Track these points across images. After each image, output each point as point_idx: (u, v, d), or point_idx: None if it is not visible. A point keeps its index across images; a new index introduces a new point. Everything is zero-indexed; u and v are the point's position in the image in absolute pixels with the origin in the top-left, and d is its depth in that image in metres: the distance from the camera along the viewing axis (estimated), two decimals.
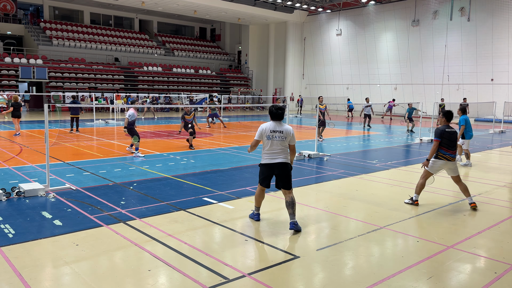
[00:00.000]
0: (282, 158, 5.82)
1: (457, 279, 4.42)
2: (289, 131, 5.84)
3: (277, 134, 5.80)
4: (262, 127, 5.92)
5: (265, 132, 5.86)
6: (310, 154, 11.97)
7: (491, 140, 17.82)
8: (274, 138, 5.80)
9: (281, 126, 5.85)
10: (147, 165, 10.47)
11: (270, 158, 5.83)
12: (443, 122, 7.17)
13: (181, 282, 4.21)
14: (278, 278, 4.34)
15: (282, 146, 5.82)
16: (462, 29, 32.29)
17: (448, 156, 6.98)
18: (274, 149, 5.81)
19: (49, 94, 29.78)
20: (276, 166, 5.82)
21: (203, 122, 24.92)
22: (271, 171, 5.88)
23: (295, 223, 5.73)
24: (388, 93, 36.34)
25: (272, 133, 5.81)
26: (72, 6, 39.93)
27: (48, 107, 7.62)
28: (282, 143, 5.81)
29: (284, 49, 43.79)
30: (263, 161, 5.95)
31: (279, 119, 5.90)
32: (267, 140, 5.84)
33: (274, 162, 5.82)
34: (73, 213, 6.34)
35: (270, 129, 5.83)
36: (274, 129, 5.81)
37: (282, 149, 5.83)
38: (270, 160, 5.84)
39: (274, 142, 5.80)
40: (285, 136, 5.80)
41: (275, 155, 5.81)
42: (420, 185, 7.19)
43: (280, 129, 5.82)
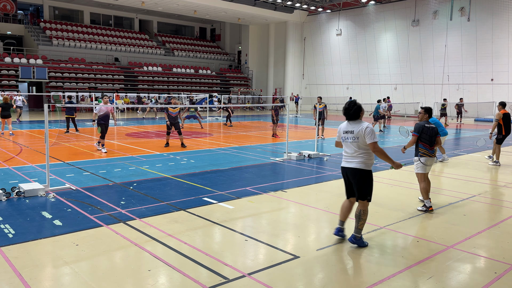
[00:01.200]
0: (355, 163, 5.15)
1: (457, 279, 4.42)
2: (361, 130, 5.10)
3: (349, 135, 5.20)
4: (339, 128, 5.41)
5: (339, 133, 5.37)
6: (310, 154, 11.97)
7: (491, 140, 17.79)
8: (347, 140, 5.23)
9: (353, 125, 5.18)
10: (147, 165, 10.47)
11: (344, 161, 5.32)
12: (425, 118, 7.18)
13: (181, 282, 4.21)
14: (278, 278, 4.34)
15: (357, 149, 5.14)
16: (462, 29, 32.30)
17: (429, 152, 6.94)
18: (348, 152, 5.26)
19: (49, 94, 29.78)
20: (348, 171, 5.27)
21: (202, 122, 24.92)
22: (346, 177, 5.36)
23: (354, 237, 5.22)
24: (388, 93, 36.31)
25: (344, 135, 5.26)
26: (72, 6, 39.93)
27: (48, 107, 7.62)
28: (356, 144, 5.14)
29: (284, 49, 43.79)
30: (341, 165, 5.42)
31: (351, 118, 5.22)
32: (342, 142, 5.34)
33: (346, 167, 5.28)
34: (73, 213, 6.34)
35: (343, 129, 5.30)
36: (346, 129, 5.24)
37: (356, 152, 5.15)
38: (343, 164, 5.34)
39: (347, 144, 5.25)
40: (356, 136, 5.12)
41: (348, 159, 5.26)
42: (424, 189, 6.93)
43: (351, 128, 5.17)
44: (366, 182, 5.17)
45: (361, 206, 5.26)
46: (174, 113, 13.32)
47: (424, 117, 7.14)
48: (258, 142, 15.60)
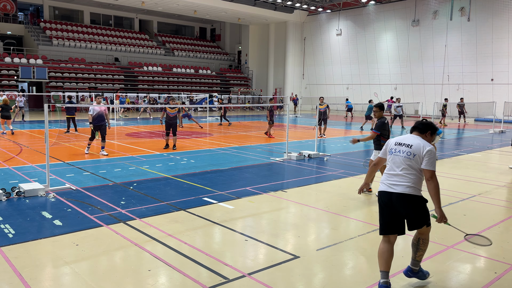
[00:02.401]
0: (405, 187, 3.94)
1: (457, 279, 4.42)
2: (421, 148, 3.93)
3: (402, 147, 4.03)
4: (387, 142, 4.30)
5: (389, 145, 4.22)
6: (310, 154, 11.97)
7: (491, 140, 17.81)
8: (397, 153, 4.05)
9: (413, 139, 4.05)
10: (147, 165, 10.47)
11: (386, 184, 4.10)
12: (381, 115, 7.57)
13: (181, 282, 4.21)
14: (278, 278, 4.34)
15: (408, 167, 3.96)
16: (462, 29, 32.29)
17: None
18: (394, 170, 4.06)
19: (49, 94, 29.79)
20: (394, 198, 4.00)
21: (203, 122, 24.93)
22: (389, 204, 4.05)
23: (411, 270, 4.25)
24: (388, 93, 36.30)
25: (396, 147, 4.11)
26: (72, 6, 39.93)
27: (48, 107, 7.62)
28: (407, 162, 3.97)
29: (284, 49, 43.79)
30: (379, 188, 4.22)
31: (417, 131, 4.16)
32: (389, 155, 4.16)
33: (390, 191, 4.03)
34: (73, 213, 6.34)
35: (396, 141, 4.15)
36: (401, 141, 4.09)
37: (405, 170, 3.97)
38: (386, 187, 4.07)
39: (395, 159, 4.07)
40: (413, 152, 3.95)
41: (392, 179, 4.05)
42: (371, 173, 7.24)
43: (409, 142, 4.02)
44: (423, 209, 4.00)
45: (420, 234, 4.14)
46: (172, 113, 13.12)
47: (380, 114, 7.59)
48: (258, 142, 15.60)
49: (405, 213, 4.00)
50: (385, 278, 3.98)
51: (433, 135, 4.16)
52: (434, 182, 3.93)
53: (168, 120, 13.20)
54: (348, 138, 18.26)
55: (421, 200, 4.01)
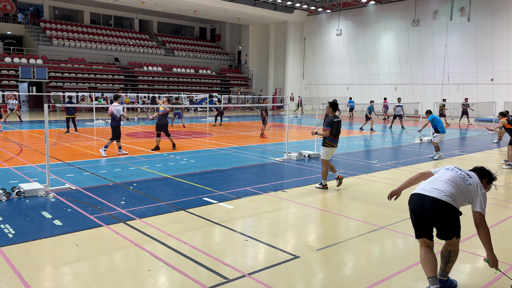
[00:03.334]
0: (441, 194, 3.75)
1: (457, 279, 4.42)
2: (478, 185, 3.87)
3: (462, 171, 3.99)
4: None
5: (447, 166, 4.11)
6: (310, 154, 11.97)
7: (491, 140, 17.81)
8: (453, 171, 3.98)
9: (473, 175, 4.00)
10: (147, 165, 10.47)
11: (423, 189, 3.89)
12: (331, 112, 8.12)
13: (181, 282, 4.21)
14: (278, 278, 4.34)
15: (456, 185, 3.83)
16: (462, 29, 32.29)
17: (333, 143, 8.12)
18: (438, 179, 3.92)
19: (49, 94, 29.79)
20: (426, 203, 3.78)
21: (202, 122, 24.94)
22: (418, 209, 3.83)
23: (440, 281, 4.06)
24: (388, 93, 36.32)
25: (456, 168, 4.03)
26: (72, 6, 39.93)
27: (48, 107, 7.62)
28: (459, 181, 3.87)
29: (284, 49, 43.79)
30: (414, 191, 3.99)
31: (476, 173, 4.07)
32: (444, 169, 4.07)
33: (423, 194, 3.83)
34: (73, 213, 6.34)
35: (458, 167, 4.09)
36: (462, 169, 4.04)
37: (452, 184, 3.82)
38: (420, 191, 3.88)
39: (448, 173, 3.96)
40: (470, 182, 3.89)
41: (431, 185, 3.89)
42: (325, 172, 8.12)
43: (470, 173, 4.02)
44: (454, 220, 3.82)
45: (450, 246, 4.04)
46: (161, 111, 12.72)
47: (330, 110, 8.14)
48: (258, 142, 15.60)
49: (436, 220, 3.79)
50: (434, 284, 3.75)
51: (488, 183, 4.05)
52: (485, 227, 3.82)
53: (158, 121, 12.79)
54: (348, 138, 18.26)
55: (456, 210, 3.79)
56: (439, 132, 12.28)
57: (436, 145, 12.36)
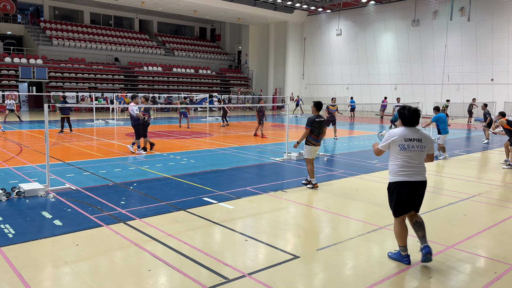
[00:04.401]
0: (423, 176, 4.68)
1: (457, 279, 4.42)
2: (429, 138, 4.70)
3: (415, 143, 4.58)
4: (391, 134, 4.68)
5: (396, 140, 4.62)
6: None
7: (491, 140, 17.81)
8: (413, 149, 4.59)
9: (417, 132, 4.63)
10: (147, 165, 10.47)
11: (409, 174, 4.60)
12: (314, 112, 8.27)
13: (181, 282, 4.21)
14: (278, 278, 4.34)
15: (421, 159, 4.66)
16: (462, 29, 32.29)
17: (315, 142, 8.20)
18: (412, 163, 4.62)
19: (49, 94, 29.79)
20: (418, 185, 4.64)
21: (202, 122, 24.94)
22: (410, 192, 4.62)
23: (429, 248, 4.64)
24: (388, 93, 36.33)
25: (408, 142, 4.58)
26: (72, 6, 39.93)
27: (48, 107, 7.63)
28: (421, 154, 4.63)
29: (284, 49, 43.79)
30: (398, 179, 4.62)
31: (414, 124, 4.67)
32: (401, 151, 4.61)
33: (415, 180, 4.62)
34: (73, 213, 6.34)
35: (404, 136, 4.59)
36: (411, 136, 4.59)
37: (421, 163, 4.69)
38: (409, 177, 4.59)
39: (413, 154, 4.60)
40: (424, 145, 4.63)
41: (414, 170, 4.63)
42: (311, 170, 8.23)
43: (418, 136, 4.61)
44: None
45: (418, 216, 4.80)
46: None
47: (313, 110, 8.27)
48: (258, 142, 15.61)
49: (421, 196, 4.71)
50: (406, 251, 4.74)
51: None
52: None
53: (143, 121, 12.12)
54: (348, 138, 18.26)
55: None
56: (442, 133, 12.25)
57: (442, 146, 12.29)
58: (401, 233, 4.70)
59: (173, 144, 14.62)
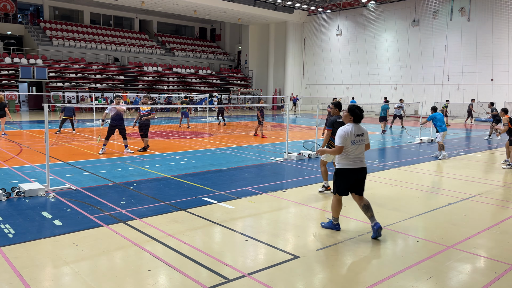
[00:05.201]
0: (364, 163, 5.62)
1: (457, 279, 4.42)
2: (366, 132, 5.69)
3: (360, 138, 5.53)
4: (345, 131, 5.48)
5: (349, 136, 5.46)
6: (310, 154, 11.97)
7: (491, 140, 17.81)
8: (359, 143, 5.52)
9: (360, 128, 5.58)
10: (147, 165, 10.47)
11: (355, 163, 5.53)
12: (336, 113, 7.73)
13: (181, 282, 4.21)
14: (278, 278, 4.34)
15: (363, 150, 5.61)
16: (462, 29, 32.29)
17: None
18: (357, 154, 5.52)
19: (49, 94, 29.78)
20: (362, 171, 5.60)
21: (202, 122, 24.94)
22: (354, 177, 5.55)
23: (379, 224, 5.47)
24: (388, 93, 36.33)
25: (357, 137, 5.49)
26: (72, 6, 39.93)
27: (48, 107, 7.63)
28: (363, 146, 5.61)
29: (284, 49, 43.79)
30: (346, 167, 5.53)
31: (360, 121, 5.59)
32: (352, 145, 5.47)
33: (361, 167, 5.58)
34: (73, 213, 6.34)
35: (354, 133, 5.47)
36: (357, 132, 5.50)
37: (363, 153, 5.61)
38: (355, 165, 5.52)
39: (359, 147, 5.53)
40: (365, 138, 5.61)
41: (360, 160, 5.57)
42: (324, 172, 7.97)
43: (362, 131, 5.57)
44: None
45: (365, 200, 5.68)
46: (144, 111, 12.56)
47: (335, 112, 7.70)
48: (258, 142, 15.61)
49: (362, 179, 5.65)
50: (337, 221, 5.83)
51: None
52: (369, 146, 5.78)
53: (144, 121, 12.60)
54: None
55: None
56: (439, 131, 12.29)
57: (441, 144, 12.34)
58: (338, 208, 5.77)
59: (173, 144, 14.62)
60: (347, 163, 5.52)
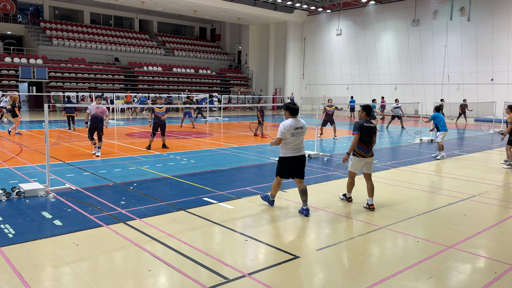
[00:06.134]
0: (303, 151, 6.56)
1: (457, 279, 4.42)
2: (305, 125, 6.57)
3: (299, 130, 6.43)
4: (285, 125, 6.37)
5: (289, 129, 6.35)
6: (310, 154, 11.97)
7: (491, 140, 17.81)
8: (300, 134, 6.44)
9: (300, 122, 6.49)
10: (147, 165, 10.47)
11: (295, 151, 6.45)
12: (363, 117, 7.07)
13: (181, 282, 4.21)
14: (278, 278, 4.34)
15: (302, 140, 6.51)
16: (462, 29, 32.29)
17: (363, 152, 6.92)
18: (298, 144, 6.46)
19: (49, 94, 29.78)
20: (301, 158, 6.52)
21: (202, 122, 24.93)
22: (293, 163, 6.46)
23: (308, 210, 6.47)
24: (388, 93, 36.33)
25: (297, 130, 6.41)
26: (72, 6, 39.93)
27: (48, 107, 7.63)
28: (302, 137, 6.51)
29: (284, 49, 43.78)
30: (287, 155, 6.45)
31: (297, 115, 6.54)
32: (292, 137, 6.38)
33: (299, 155, 6.49)
34: (73, 213, 6.34)
35: (293, 126, 6.38)
36: (296, 126, 6.40)
37: (302, 142, 6.53)
38: (295, 153, 6.45)
39: (299, 138, 6.45)
40: (304, 130, 6.53)
41: (300, 149, 6.49)
42: (350, 184, 7.29)
43: (301, 125, 6.47)
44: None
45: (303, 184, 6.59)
46: (160, 113, 12.78)
47: (362, 115, 7.07)
48: (258, 142, 15.61)
49: (303, 165, 6.57)
50: (273, 198, 6.94)
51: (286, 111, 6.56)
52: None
53: (157, 121, 12.79)
54: (348, 138, 18.25)
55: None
56: (440, 131, 12.29)
57: (441, 145, 12.34)
58: (277, 188, 6.80)
59: (173, 144, 14.62)
60: (288, 152, 6.44)
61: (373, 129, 6.97)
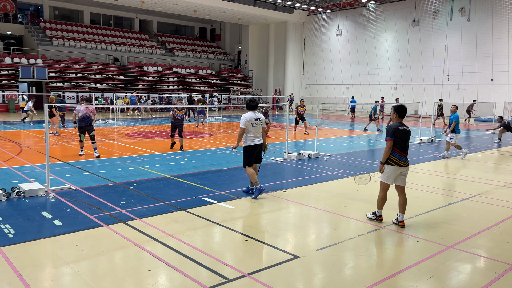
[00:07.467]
0: (261, 140, 7.63)
1: (457, 279, 4.42)
2: (263, 118, 7.72)
3: (257, 121, 7.51)
4: (246, 117, 7.42)
5: (250, 121, 7.42)
6: (310, 154, 11.97)
7: (491, 140, 17.82)
8: (258, 124, 7.52)
9: (258, 114, 7.57)
10: (147, 165, 10.47)
11: (257, 139, 7.53)
12: (395, 119, 6.12)
13: (181, 282, 4.21)
14: (278, 278, 4.34)
15: (261, 130, 7.60)
16: (462, 29, 32.29)
17: (399, 160, 5.93)
18: (257, 133, 7.53)
19: (49, 94, 29.76)
20: (260, 146, 7.62)
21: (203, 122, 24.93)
22: (256, 150, 7.53)
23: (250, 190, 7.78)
24: (388, 93, 36.32)
25: (256, 121, 7.48)
26: (72, 6, 39.93)
27: (48, 107, 7.62)
28: (261, 128, 7.59)
29: (284, 49, 43.78)
30: (252, 143, 7.49)
31: (255, 109, 7.59)
32: (252, 127, 7.45)
33: (260, 143, 7.58)
34: (73, 213, 6.34)
35: (253, 118, 7.45)
36: (255, 117, 7.49)
37: (260, 132, 7.60)
38: (257, 141, 7.54)
39: (257, 128, 7.51)
40: (262, 122, 7.59)
41: (258, 137, 7.54)
42: (381, 199, 6.20)
43: (259, 117, 7.56)
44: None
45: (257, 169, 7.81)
46: (180, 115, 12.80)
47: (394, 117, 6.13)
48: None
49: (260, 152, 7.67)
50: (253, 186, 7.70)
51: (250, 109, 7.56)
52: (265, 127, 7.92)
53: (175, 122, 12.85)
54: (348, 138, 18.26)
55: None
56: (455, 132, 12.44)
57: (457, 145, 12.47)
58: (252, 175, 7.45)
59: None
60: (251, 140, 7.47)
61: (408, 133, 6.02)
